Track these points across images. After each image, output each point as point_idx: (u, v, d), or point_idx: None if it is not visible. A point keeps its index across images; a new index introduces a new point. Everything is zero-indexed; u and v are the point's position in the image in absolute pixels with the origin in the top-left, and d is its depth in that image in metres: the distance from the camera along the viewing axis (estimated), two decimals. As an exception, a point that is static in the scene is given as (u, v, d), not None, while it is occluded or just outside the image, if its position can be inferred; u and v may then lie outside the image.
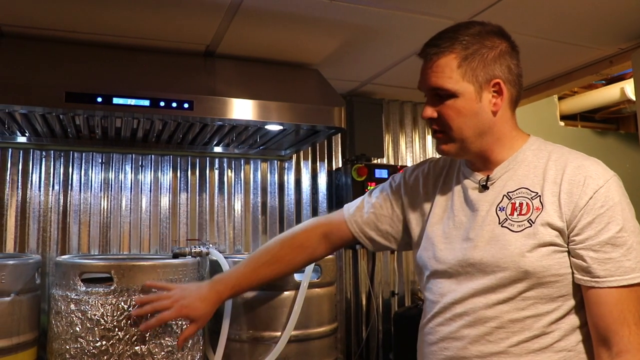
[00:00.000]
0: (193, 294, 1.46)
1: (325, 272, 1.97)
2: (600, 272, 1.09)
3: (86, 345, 1.55)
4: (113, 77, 1.81)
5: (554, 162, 1.20)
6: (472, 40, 1.19)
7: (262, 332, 1.83)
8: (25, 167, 2.17)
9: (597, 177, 1.15)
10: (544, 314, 1.14)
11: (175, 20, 1.76)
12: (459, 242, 1.24)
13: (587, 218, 1.12)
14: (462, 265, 1.22)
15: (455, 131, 1.21)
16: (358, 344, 2.62)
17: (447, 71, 1.18)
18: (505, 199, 1.21)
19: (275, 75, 2.10)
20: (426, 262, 1.31)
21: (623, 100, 3.95)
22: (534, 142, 1.27)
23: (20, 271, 1.70)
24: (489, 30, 1.22)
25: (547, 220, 1.14)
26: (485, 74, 1.19)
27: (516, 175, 1.23)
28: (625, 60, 2.11)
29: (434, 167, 1.43)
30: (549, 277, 1.13)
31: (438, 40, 1.21)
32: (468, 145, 1.23)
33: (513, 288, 1.15)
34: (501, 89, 1.20)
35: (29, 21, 1.74)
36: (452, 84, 1.18)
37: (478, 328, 1.17)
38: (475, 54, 1.19)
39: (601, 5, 1.70)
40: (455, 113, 1.20)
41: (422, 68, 1.24)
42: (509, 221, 1.18)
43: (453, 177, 1.35)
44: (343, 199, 2.55)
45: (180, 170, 2.40)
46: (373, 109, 2.69)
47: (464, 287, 1.21)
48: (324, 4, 1.64)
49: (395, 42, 1.99)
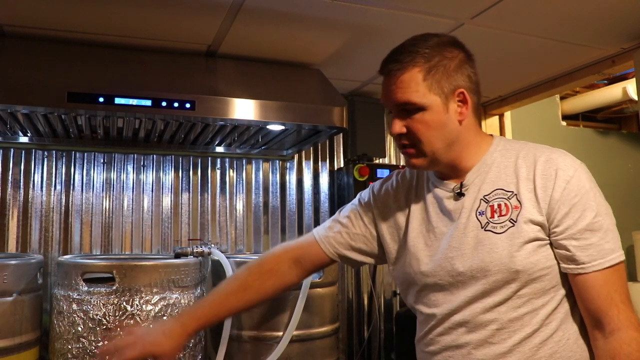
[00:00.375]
0: (157, 330, 1.35)
1: (327, 272, 1.97)
2: (584, 258, 1.13)
3: (88, 345, 1.55)
4: (115, 77, 1.81)
5: (522, 159, 1.22)
6: (432, 52, 1.19)
7: (264, 332, 1.84)
8: (27, 167, 2.17)
9: (566, 168, 1.17)
10: (539, 308, 1.16)
11: (177, 20, 1.76)
12: (442, 253, 1.24)
13: (563, 209, 1.14)
14: (451, 275, 1.22)
15: (426, 144, 1.21)
16: (360, 344, 2.61)
17: (413, 85, 1.18)
18: (482, 202, 1.22)
19: (277, 75, 2.10)
20: (413, 277, 1.30)
21: (625, 100, 3.94)
22: (499, 142, 1.29)
23: (23, 271, 1.71)
24: (445, 41, 1.23)
25: (528, 217, 1.16)
26: (450, 84, 1.19)
27: (488, 177, 1.24)
28: (627, 60, 2.11)
29: (402, 179, 1.41)
30: (538, 271, 1.15)
31: (399, 56, 1.22)
32: (438, 157, 1.22)
33: (507, 289, 1.16)
34: (466, 98, 1.21)
35: (31, 21, 1.74)
36: (419, 98, 1.18)
37: (479, 332, 1.18)
38: (438, 65, 1.19)
39: (603, 4, 1.70)
40: (425, 126, 1.19)
41: (385, 85, 1.24)
42: (491, 224, 1.19)
43: (423, 187, 1.34)
44: (345, 198, 2.55)
45: (182, 170, 2.40)
46: (375, 109, 2.69)
47: (458, 296, 1.21)
48: (325, 3, 1.64)
49: (397, 42, 1.97)
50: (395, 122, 1.23)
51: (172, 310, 1.66)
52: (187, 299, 1.72)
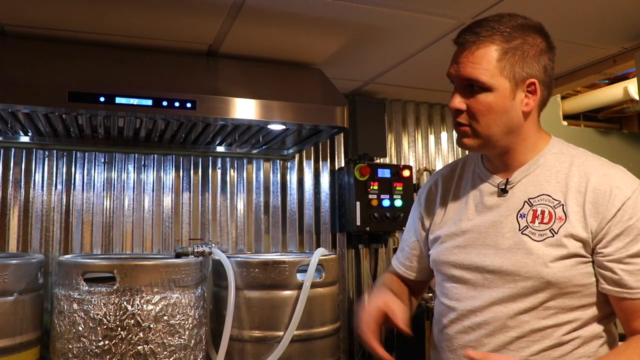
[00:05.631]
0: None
1: (328, 271, 1.97)
2: (632, 283, 1.06)
3: (89, 344, 1.55)
4: (116, 76, 1.81)
5: (577, 168, 1.15)
6: (514, 33, 1.13)
7: (264, 332, 1.83)
8: (28, 166, 2.17)
9: (624, 188, 1.10)
10: (564, 323, 1.11)
11: (178, 20, 1.76)
12: (475, 248, 1.20)
13: (615, 231, 1.08)
14: (480, 271, 1.18)
15: (483, 127, 1.15)
16: (360, 343, 2.61)
17: (485, 63, 1.12)
18: (526, 205, 1.16)
19: (278, 75, 2.10)
20: (440, 267, 1.28)
21: (626, 99, 3.93)
22: (556, 144, 1.22)
23: (23, 271, 1.71)
24: (531, 25, 1.16)
25: (571, 231, 1.10)
26: (523, 71, 1.13)
27: (537, 180, 1.18)
28: (628, 60, 2.10)
29: (442, 175, 1.38)
30: (571, 287, 1.10)
31: (478, 28, 1.14)
32: (493, 142, 1.17)
33: (534, 298, 1.11)
34: (535, 89, 1.14)
35: (32, 21, 1.74)
36: (488, 78, 1.12)
37: (498, 337, 1.14)
38: (517, 48, 1.12)
39: (604, 4, 1.70)
40: (486, 108, 1.13)
41: (456, 56, 1.16)
42: (530, 229, 1.14)
43: (468, 178, 1.30)
44: (345, 198, 2.55)
45: (182, 170, 2.40)
46: (376, 109, 2.69)
47: (483, 295, 1.17)
48: (326, 3, 1.64)
49: (398, 42, 1.99)
50: (456, 96, 1.16)
51: (172, 310, 1.66)
52: (187, 298, 1.72)
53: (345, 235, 2.64)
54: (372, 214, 2.47)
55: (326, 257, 1.98)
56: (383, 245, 2.68)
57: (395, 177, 2.55)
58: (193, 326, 1.72)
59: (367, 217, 2.47)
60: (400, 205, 2.53)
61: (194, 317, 1.73)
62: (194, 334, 1.72)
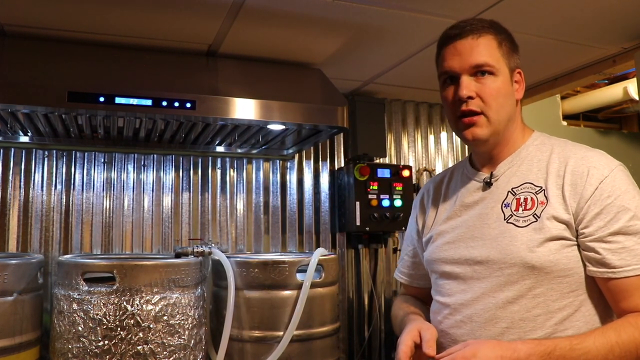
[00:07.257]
0: None
1: (328, 271, 1.97)
2: (616, 262, 1.08)
3: (88, 344, 1.55)
4: (115, 76, 1.81)
5: (557, 154, 1.20)
6: (499, 27, 1.22)
7: (264, 332, 1.83)
8: (28, 166, 2.17)
9: (601, 167, 1.13)
10: (555, 311, 1.12)
11: (178, 20, 1.76)
12: (464, 242, 1.24)
13: (594, 209, 1.10)
14: (469, 264, 1.21)
15: (494, 111, 1.19)
16: (360, 343, 2.61)
17: (490, 49, 1.19)
18: (509, 195, 1.20)
19: (278, 75, 2.10)
20: (433, 265, 1.32)
21: (626, 99, 3.94)
22: (537, 137, 1.28)
23: (23, 271, 1.71)
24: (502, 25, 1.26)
25: (552, 213, 1.13)
26: (513, 61, 1.22)
27: (520, 170, 1.22)
28: (628, 60, 2.10)
29: (434, 182, 1.46)
30: (557, 271, 1.11)
31: (468, 24, 1.22)
32: (501, 130, 1.21)
33: (521, 285, 1.13)
34: (522, 79, 1.23)
35: (32, 21, 1.74)
36: (495, 61, 1.18)
37: (489, 329, 1.16)
38: (505, 40, 1.21)
39: (604, 4, 1.70)
40: (496, 92, 1.18)
41: (457, 47, 1.20)
42: (514, 217, 1.17)
43: (457, 180, 1.36)
44: (345, 198, 2.55)
45: (182, 170, 2.40)
46: (375, 109, 2.69)
47: (473, 287, 1.20)
48: (326, 3, 1.64)
49: (397, 42, 1.99)
50: (466, 84, 1.18)
51: (172, 310, 1.66)
52: (187, 298, 1.71)
53: (345, 235, 2.64)
54: (372, 214, 2.47)
55: (326, 257, 1.98)
56: (383, 245, 2.68)
57: (395, 177, 2.55)
58: (193, 326, 1.72)
59: (367, 217, 2.47)
60: (400, 206, 2.53)
61: (194, 317, 1.73)
62: (193, 334, 1.71)
